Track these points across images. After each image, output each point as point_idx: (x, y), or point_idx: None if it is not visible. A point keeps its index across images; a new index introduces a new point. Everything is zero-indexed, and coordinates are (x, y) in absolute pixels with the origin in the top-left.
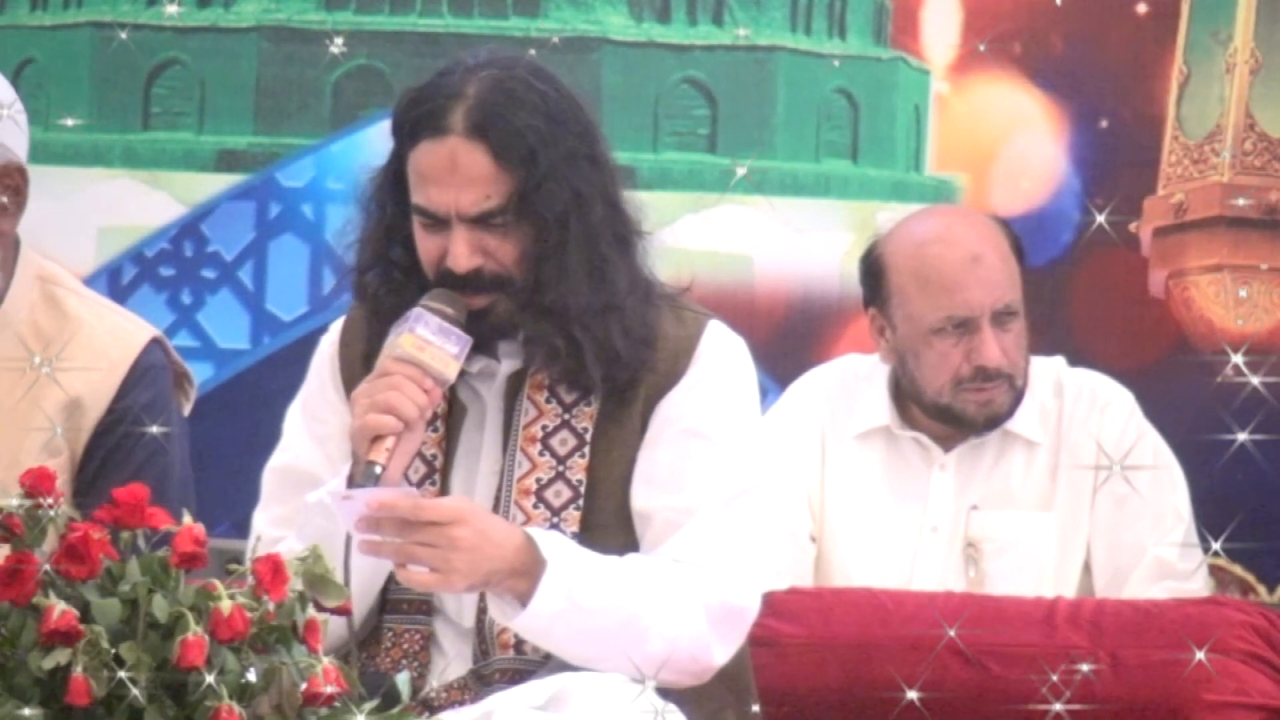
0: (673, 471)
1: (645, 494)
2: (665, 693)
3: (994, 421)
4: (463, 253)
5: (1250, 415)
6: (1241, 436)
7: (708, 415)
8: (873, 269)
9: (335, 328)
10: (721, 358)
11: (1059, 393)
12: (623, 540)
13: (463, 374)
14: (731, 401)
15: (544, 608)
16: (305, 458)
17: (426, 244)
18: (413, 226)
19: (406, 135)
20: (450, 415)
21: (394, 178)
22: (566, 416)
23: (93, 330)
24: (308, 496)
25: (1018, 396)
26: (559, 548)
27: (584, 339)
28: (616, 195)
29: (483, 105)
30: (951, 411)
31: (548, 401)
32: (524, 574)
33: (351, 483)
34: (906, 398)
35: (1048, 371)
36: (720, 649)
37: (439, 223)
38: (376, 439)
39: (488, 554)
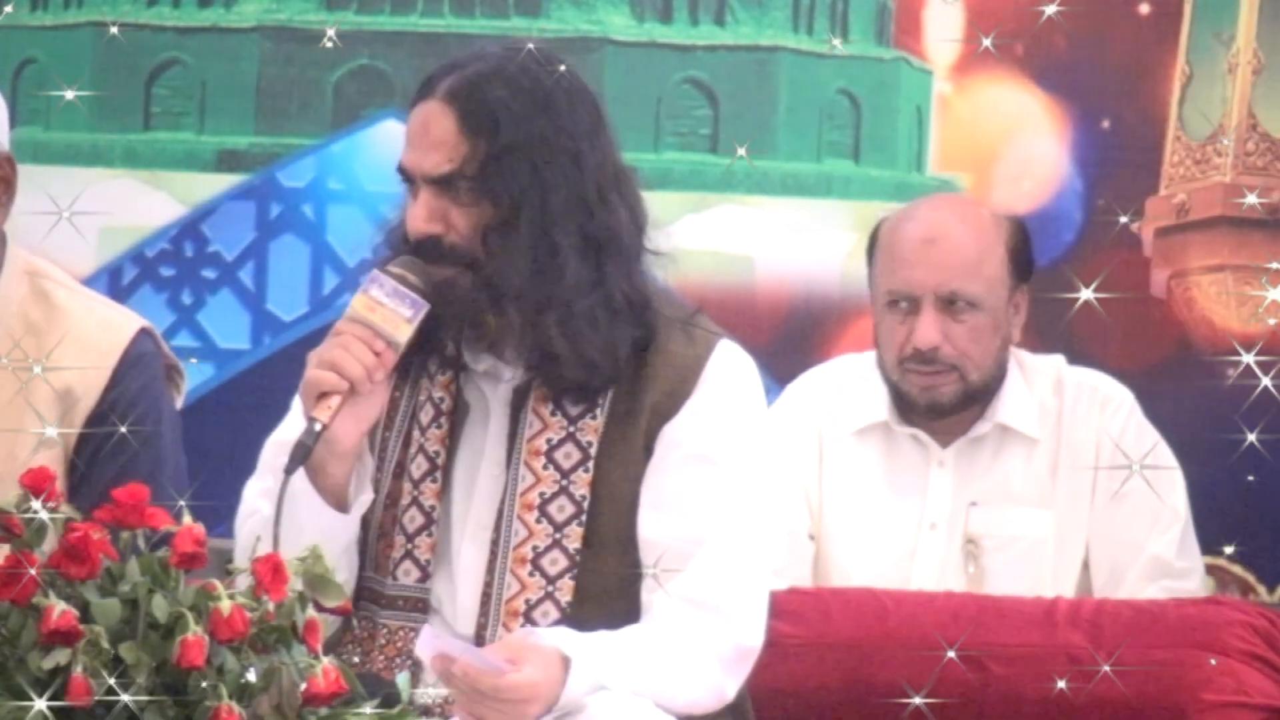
0: (680, 499)
1: (652, 520)
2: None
3: (937, 409)
4: (420, 215)
5: (1257, 416)
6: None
7: (715, 440)
8: (871, 238)
9: None
10: (729, 379)
11: (1059, 390)
12: (622, 558)
13: (468, 371)
14: (739, 425)
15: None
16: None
17: (408, 211)
18: None
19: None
20: (455, 412)
21: None
22: (571, 429)
23: (82, 322)
24: (277, 463)
25: (968, 391)
26: (584, 676)
27: (517, 322)
28: (597, 198)
29: (468, 77)
30: (899, 391)
31: (553, 414)
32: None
33: (297, 447)
34: None
35: (1047, 369)
36: (732, 686)
37: (415, 187)
38: (322, 396)
39: (548, 707)
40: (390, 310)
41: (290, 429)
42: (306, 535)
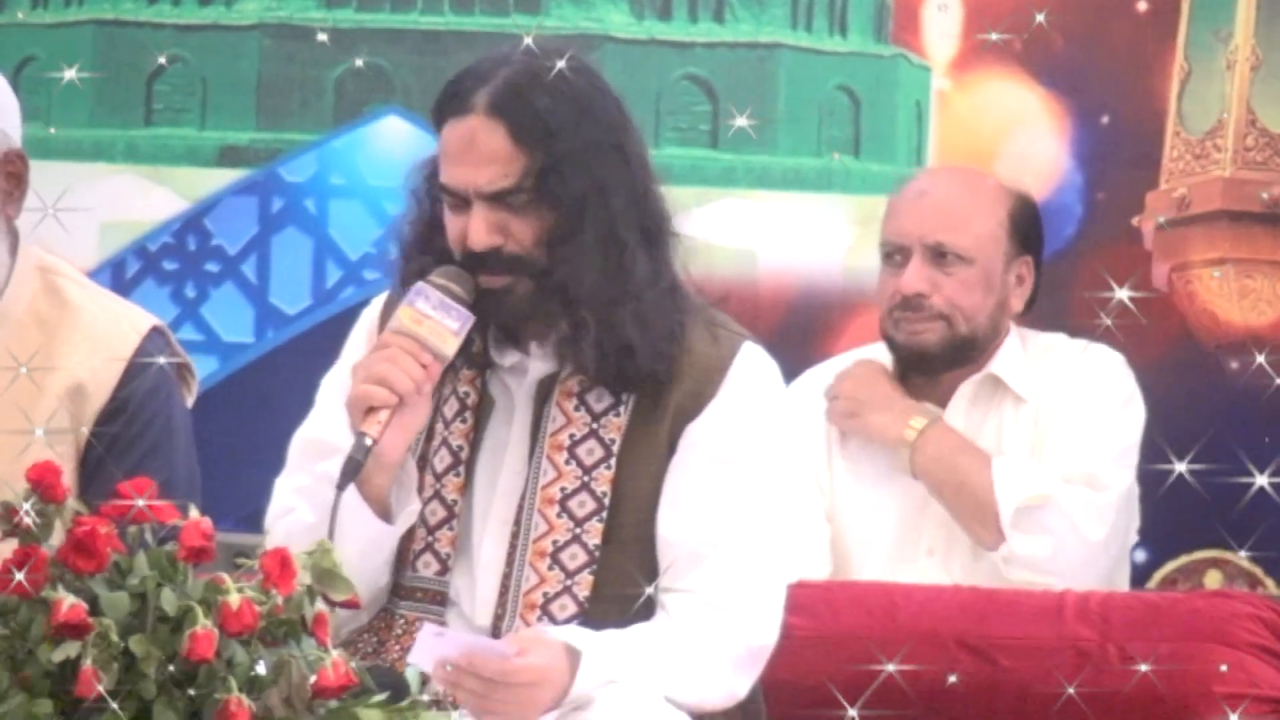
0: (699, 500)
1: (670, 520)
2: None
3: (923, 357)
4: (480, 230)
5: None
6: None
7: (736, 442)
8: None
9: (377, 302)
10: (753, 382)
11: (1050, 355)
12: (641, 556)
13: (494, 367)
14: (760, 428)
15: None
16: (331, 430)
17: (452, 226)
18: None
19: (438, 117)
20: (480, 407)
21: (435, 169)
22: (595, 426)
23: (95, 319)
24: (316, 468)
25: (955, 341)
26: (594, 670)
27: (592, 323)
28: (644, 189)
29: (507, 86)
30: (893, 343)
31: (577, 409)
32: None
33: (348, 463)
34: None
35: (1047, 342)
36: (743, 686)
37: (462, 202)
38: (370, 410)
39: (557, 699)
40: (437, 323)
41: (318, 426)
42: (353, 546)
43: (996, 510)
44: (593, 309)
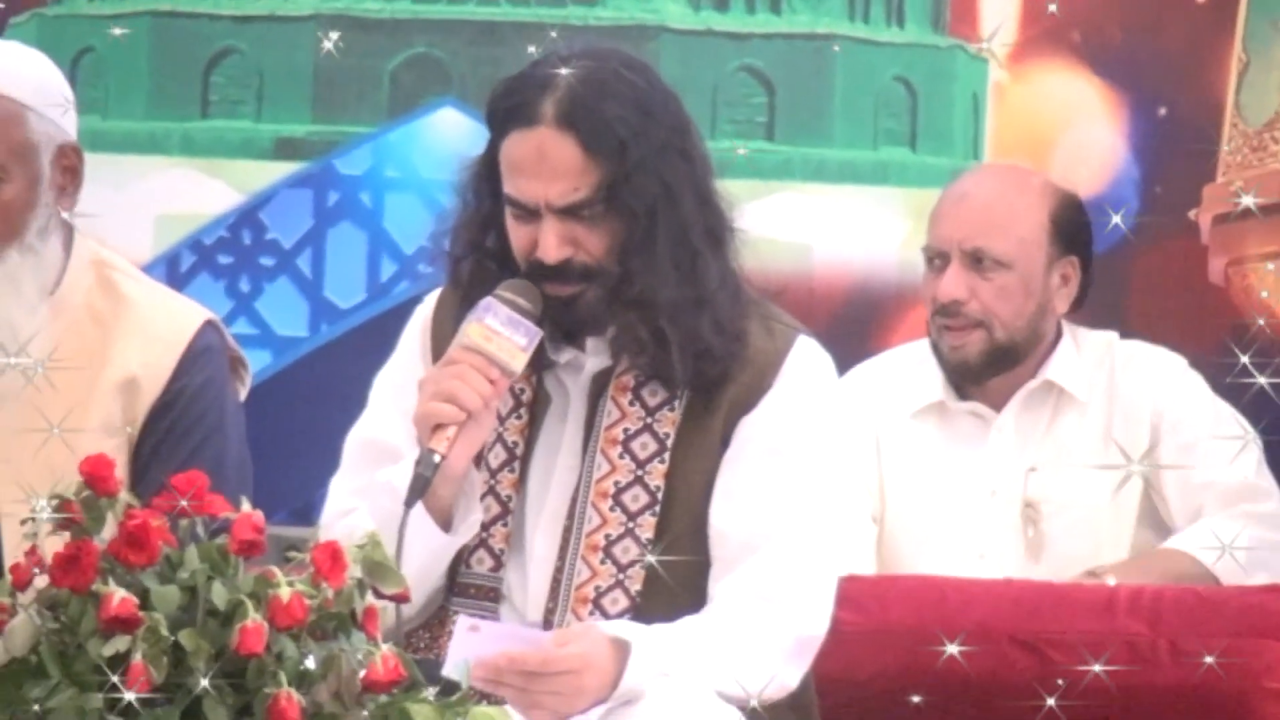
0: (752, 492)
1: (723, 512)
2: (727, 697)
3: (965, 369)
4: (552, 244)
5: None
6: None
7: (790, 435)
8: None
9: (430, 300)
10: (807, 375)
11: (1110, 357)
12: (695, 550)
13: (550, 364)
14: (815, 421)
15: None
16: (388, 431)
17: (518, 234)
18: (505, 216)
19: (498, 125)
20: (535, 403)
21: (488, 167)
22: (649, 420)
23: (149, 313)
24: (377, 475)
25: (995, 350)
26: (644, 663)
27: (671, 332)
28: (708, 188)
29: (573, 96)
30: (939, 351)
31: (631, 404)
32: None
33: (416, 479)
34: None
35: (1099, 340)
36: (793, 676)
37: (529, 213)
38: (438, 427)
39: (603, 689)
40: (506, 339)
41: (374, 426)
42: (418, 559)
43: (1215, 576)
44: (672, 319)
